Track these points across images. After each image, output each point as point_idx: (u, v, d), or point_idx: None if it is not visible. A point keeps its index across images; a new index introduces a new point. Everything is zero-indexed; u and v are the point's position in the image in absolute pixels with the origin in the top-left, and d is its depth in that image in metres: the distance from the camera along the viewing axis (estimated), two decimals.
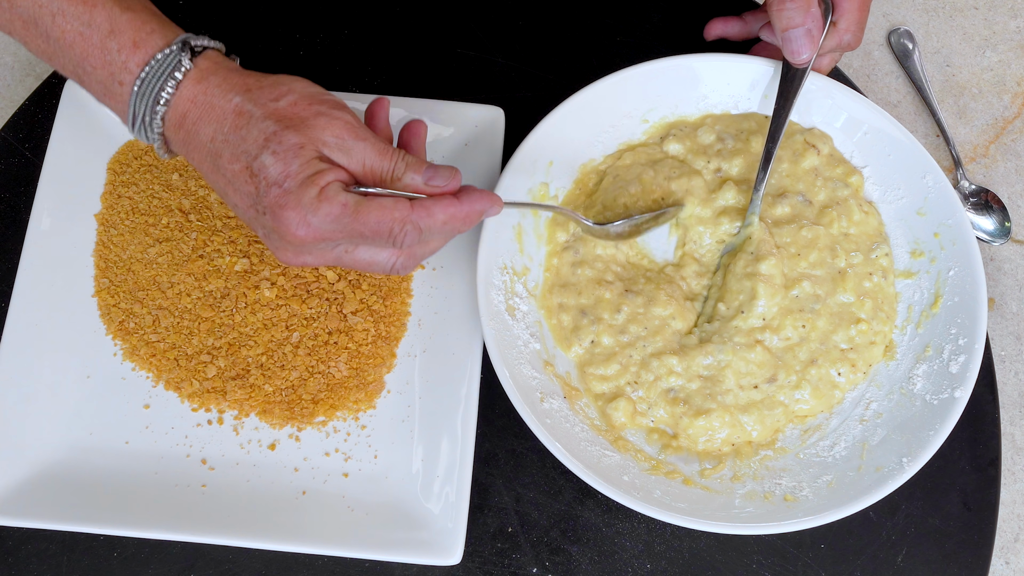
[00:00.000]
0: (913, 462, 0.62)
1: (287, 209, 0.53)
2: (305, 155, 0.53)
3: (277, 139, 0.53)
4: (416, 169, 0.56)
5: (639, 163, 0.72)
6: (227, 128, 0.54)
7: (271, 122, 0.53)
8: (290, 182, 0.53)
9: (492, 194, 0.58)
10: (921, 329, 0.68)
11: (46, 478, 0.66)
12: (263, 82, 0.55)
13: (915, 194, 0.70)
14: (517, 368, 0.64)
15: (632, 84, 0.71)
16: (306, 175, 0.53)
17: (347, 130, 0.54)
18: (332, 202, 0.53)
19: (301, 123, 0.53)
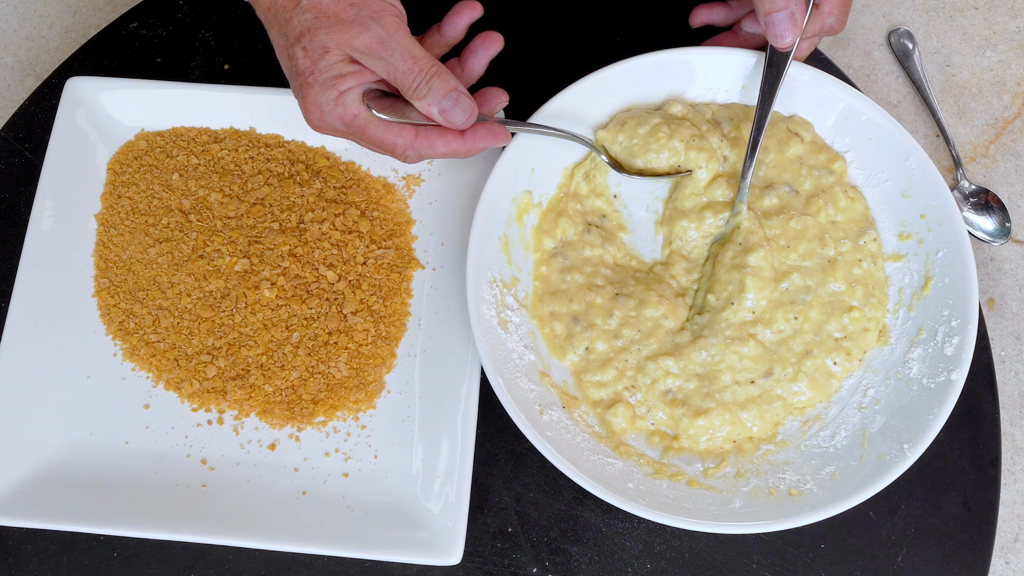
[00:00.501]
0: (914, 448, 0.62)
1: (307, 100, 0.59)
2: (331, 58, 0.57)
3: (310, 35, 0.57)
4: (437, 96, 0.58)
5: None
6: (280, 5, 0.59)
7: (311, 15, 0.57)
8: (313, 78, 0.58)
9: (499, 131, 0.61)
10: (913, 312, 0.69)
11: (46, 478, 0.66)
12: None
13: (899, 177, 0.70)
14: (514, 382, 0.64)
15: (608, 85, 0.71)
16: (328, 76, 0.58)
17: (376, 42, 0.57)
18: (346, 109, 0.59)
19: (336, 24, 0.57)
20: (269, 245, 0.71)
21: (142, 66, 0.80)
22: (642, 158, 0.70)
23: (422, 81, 0.58)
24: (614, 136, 0.71)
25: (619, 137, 0.70)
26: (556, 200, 0.72)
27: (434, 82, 0.58)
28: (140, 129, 0.76)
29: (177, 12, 0.81)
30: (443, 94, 0.58)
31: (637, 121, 0.70)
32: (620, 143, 0.70)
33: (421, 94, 0.58)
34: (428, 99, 0.58)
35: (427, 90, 0.58)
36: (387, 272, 0.71)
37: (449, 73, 0.59)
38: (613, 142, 0.71)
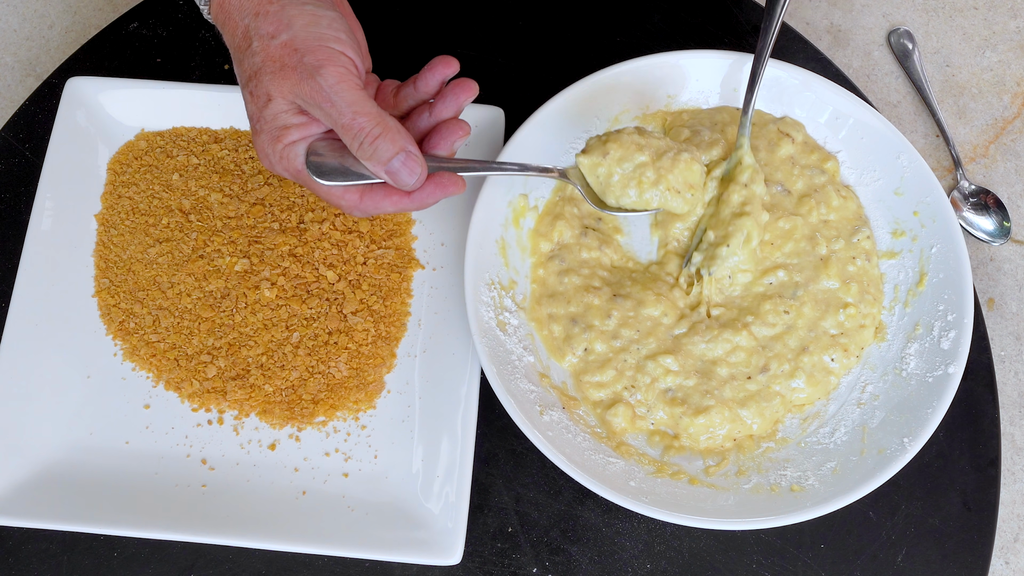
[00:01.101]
0: (914, 441, 0.62)
1: (257, 146, 0.57)
2: (275, 107, 0.54)
3: (256, 80, 0.54)
4: (383, 156, 0.54)
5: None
6: (236, 43, 0.56)
7: (259, 59, 0.54)
8: (259, 125, 0.56)
9: (450, 183, 0.56)
10: (909, 308, 0.69)
11: (46, 478, 0.66)
12: (273, 6, 0.54)
13: (891, 175, 0.71)
14: (514, 383, 0.64)
15: (601, 88, 0.71)
16: (274, 127, 0.55)
17: (318, 93, 0.53)
18: (290, 163, 0.56)
19: (280, 71, 0.53)
20: (269, 245, 0.71)
21: (142, 66, 0.80)
22: (619, 197, 0.64)
23: (366, 140, 0.53)
24: (593, 166, 0.64)
25: (599, 170, 0.64)
26: (552, 203, 0.72)
27: (379, 143, 0.53)
28: (140, 129, 0.76)
29: (177, 12, 0.81)
30: (390, 155, 0.54)
31: (621, 153, 0.64)
32: (599, 176, 0.64)
33: (366, 154, 0.54)
34: (373, 161, 0.54)
35: (372, 151, 0.54)
36: (387, 272, 0.71)
37: (398, 129, 0.54)
38: (592, 171, 0.64)
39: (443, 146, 0.58)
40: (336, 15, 0.55)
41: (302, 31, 0.54)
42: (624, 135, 0.64)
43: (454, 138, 0.58)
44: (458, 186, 0.57)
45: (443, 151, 0.58)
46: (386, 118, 0.54)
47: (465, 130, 0.59)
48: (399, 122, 0.55)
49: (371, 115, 0.53)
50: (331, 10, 0.56)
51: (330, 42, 0.54)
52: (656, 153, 0.64)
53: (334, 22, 0.55)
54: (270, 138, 0.56)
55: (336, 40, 0.54)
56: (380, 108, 0.54)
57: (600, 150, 0.64)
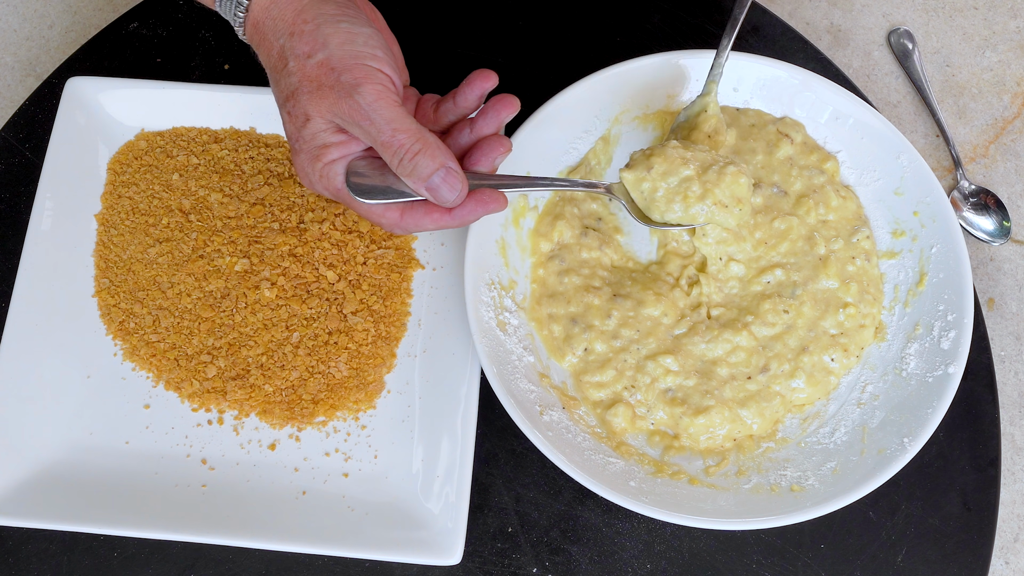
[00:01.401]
0: (914, 441, 0.62)
1: (296, 166, 0.57)
2: (314, 126, 0.54)
3: (293, 100, 0.54)
4: (423, 173, 0.53)
5: None
6: (272, 63, 0.56)
7: (295, 79, 0.54)
8: (299, 145, 0.56)
9: (491, 200, 0.56)
10: (909, 308, 0.69)
11: (46, 478, 0.66)
12: (308, 26, 0.54)
13: (891, 175, 0.71)
14: (514, 383, 0.64)
15: (601, 88, 0.71)
16: (313, 146, 0.55)
17: (356, 112, 0.52)
18: (330, 182, 0.56)
19: (317, 90, 0.53)
20: (269, 245, 0.71)
21: (142, 66, 0.80)
22: (664, 212, 0.63)
23: (406, 157, 0.53)
24: (637, 181, 0.62)
25: (643, 185, 0.62)
26: (552, 204, 0.72)
27: (419, 159, 0.53)
28: (140, 129, 0.76)
29: (177, 12, 0.81)
30: (430, 172, 0.53)
31: (666, 167, 0.62)
32: (643, 192, 0.62)
33: (406, 171, 0.54)
34: (413, 177, 0.54)
35: (411, 167, 0.53)
36: (387, 272, 0.71)
37: (438, 146, 0.54)
38: (636, 187, 0.63)
39: (484, 163, 0.58)
40: (372, 31, 0.55)
41: (338, 50, 0.53)
42: (669, 148, 0.63)
43: (495, 155, 0.58)
44: (500, 203, 0.57)
45: (484, 167, 0.58)
46: (425, 134, 0.54)
47: (506, 146, 0.58)
48: (439, 138, 0.54)
49: (410, 132, 0.53)
50: (367, 27, 0.55)
51: (367, 60, 0.53)
52: (702, 167, 0.62)
53: (370, 39, 0.54)
54: (309, 157, 0.56)
55: (372, 57, 0.53)
56: (419, 124, 0.54)
57: (644, 164, 0.62)
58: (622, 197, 0.63)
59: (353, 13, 0.55)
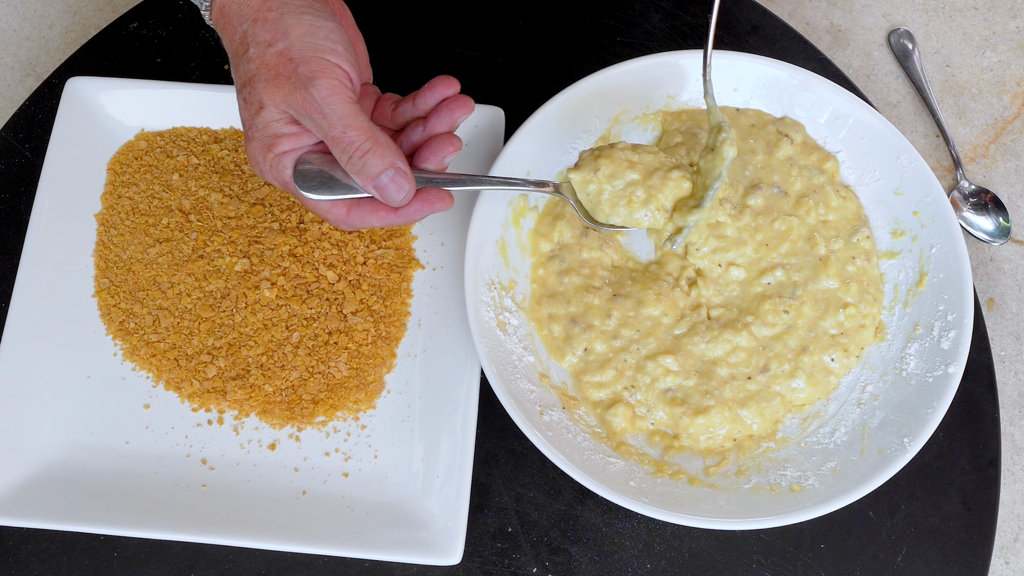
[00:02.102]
0: (914, 441, 0.62)
1: (248, 153, 0.57)
2: (267, 115, 0.54)
3: (250, 87, 0.54)
4: (371, 172, 0.53)
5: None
6: (234, 49, 0.56)
7: (254, 65, 0.54)
8: (251, 132, 0.56)
9: (437, 199, 0.56)
10: (909, 308, 0.69)
11: (46, 478, 0.66)
12: (272, 14, 0.54)
13: (891, 175, 0.71)
14: (514, 383, 0.64)
15: (601, 88, 0.71)
16: (266, 135, 0.55)
17: (309, 104, 0.52)
18: (280, 173, 0.56)
19: (274, 79, 0.53)
20: (269, 245, 0.71)
21: (142, 66, 0.80)
22: (608, 215, 0.62)
23: (355, 155, 0.53)
24: (584, 182, 0.62)
25: (589, 187, 0.62)
26: (552, 203, 0.72)
27: (368, 158, 0.53)
28: (140, 129, 0.76)
29: (177, 12, 0.81)
30: (378, 171, 0.53)
31: (612, 170, 0.62)
32: (589, 193, 0.62)
33: (355, 168, 0.54)
34: (362, 175, 0.54)
35: (361, 165, 0.53)
36: (387, 272, 0.71)
37: (388, 146, 0.54)
38: (583, 188, 0.62)
39: (433, 160, 0.58)
40: (335, 26, 0.55)
41: (298, 41, 0.53)
42: (617, 151, 0.62)
43: (444, 152, 0.58)
44: (445, 202, 0.57)
45: (433, 165, 0.58)
46: (377, 133, 0.54)
47: (456, 145, 0.58)
48: (391, 137, 0.55)
49: (362, 129, 0.53)
50: (330, 21, 0.55)
51: (326, 53, 0.53)
52: (647, 171, 0.62)
53: (332, 33, 0.54)
54: (261, 146, 0.56)
55: (332, 52, 0.54)
56: (372, 123, 0.54)
57: (591, 166, 0.62)
58: (570, 197, 0.63)
59: (319, 6, 0.55)
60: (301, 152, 0.56)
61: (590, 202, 0.63)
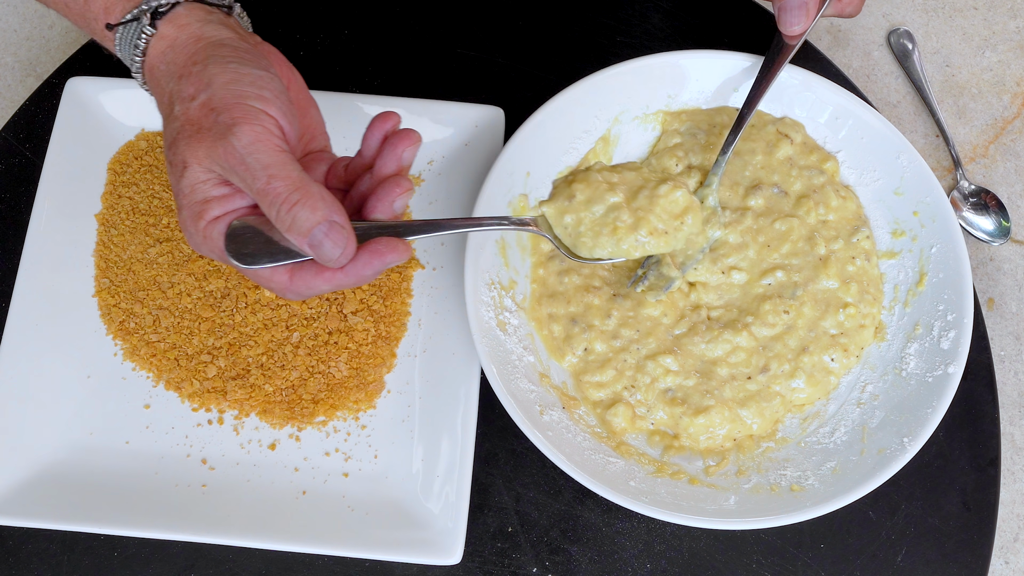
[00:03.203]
0: (914, 441, 0.62)
1: (180, 224, 0.51)
2: (192, 176, 0.49)
3: (174, 149, 0.49)
4: (303, 227, 0.47)
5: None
6: (163, 109, 0.52)
7: (178, 124, 0.49)
8: (180, 200, 0.50)
9: (389, 251, 0.49)
10: (909, 308, 0.69)
11: (46, 478, 0.66)
12: (196, 67, 0.50)
13: (891, 175, 0.71)
14: (514, 383, 0.64)
15: (601, 88, 0.71)
16: (193, 201, 0.49)
17: (231, 156, 0.47)
18: (213, 243, 0.50)
19: (196, 134, 0.48)
20: None
21: None
22: (592, 248, 0.55)
23: (283, 207, 0.46)
24: (559, 213, 0.55)
25: (565, 219, 0.55)
26: None
27: (298, 211, 0.46)
28: (140, 129, 0.76)
29: None
30: (310, 225, 0.46)
31: (589, 194, 0.55)
32: (567, 226, 0.55)
33: (285, 224, 0.47)
34: (293, 232, 0.47)
35: (290, 220, 0.46)
36: (387, 272, 0.71)
37: (322, 197, 0.47)
38: (559, 220, 0.55)
39: (381, 208, 0.51)
40: (264, 74, 0.50)
41: (221, 89, 0.48)
42: (593, 173, 0.56)
43: (391, 196, 0.50)
44: (399, 252, 0.49)
45: (383, 214, 0.51)
46: (308, 184, 0.47)
47: (404, 186, 0.50)
48: (328, 191, 0.48)
49: (289, 179, 0.47)
50: (259, 69, 0.50)
51: (249, 99, 0.48)
52: (631, 191, 0.55)
53: (259, 80, 0.49)
54: (191, 215, 0.49)
55: (258, 98, 0.48)
56: (304, 174, 0.48)
57: (565, 193, 0.55)
58: (547, 232, 0.56)
59: (249, 57, 0.51)
60: (235, 216, 0.49)
61: (569, 236, 0.56)
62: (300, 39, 0.80)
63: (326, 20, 0.81)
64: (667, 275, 0.68)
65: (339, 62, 0.80)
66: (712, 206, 0.70)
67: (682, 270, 0.68)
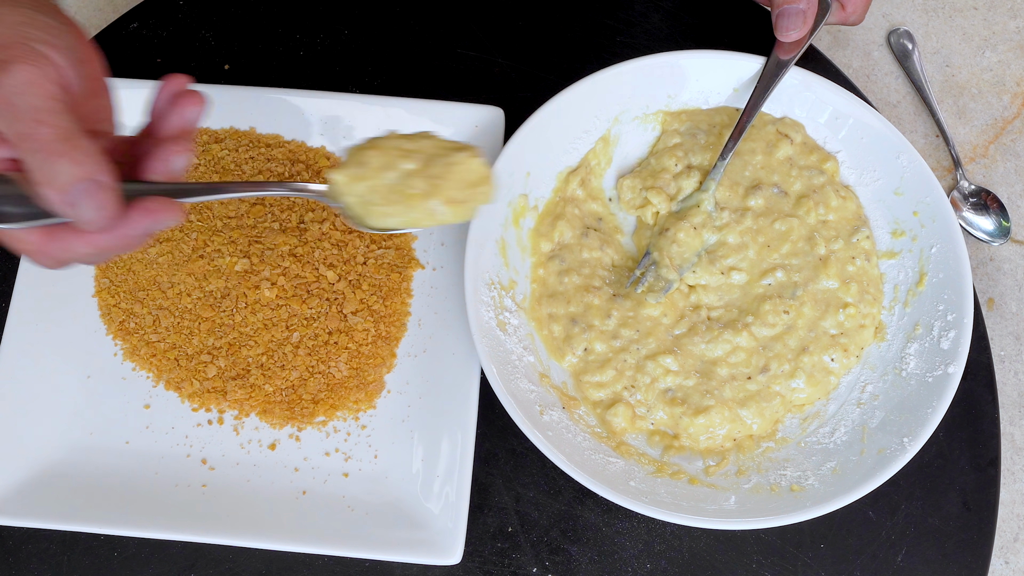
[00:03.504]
0: (914, 441, 0.62)
1: None
2: None
3: None
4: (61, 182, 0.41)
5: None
6: None
7: None
8: None
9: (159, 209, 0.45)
10: (909, 308, 0.69)
11: (46, 478, 0.66)
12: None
13: (891, 175, 0.71)
14: (514, 383, 0.64)
15: (601, 88, 0.71)
16: None
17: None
18: None
19: None
20: (269, 245, 0.71)
21: (142, 66, 0.80)
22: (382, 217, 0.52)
23: (43, 155, 0.40)
24: (351, 179, 0.51)
25: (357, 186, 0.51)
26: (552, 204, 0.72)
27: (61, 163, 0.41)
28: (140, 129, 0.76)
29: (177, 12, 0.81)
30: (70, 180, 0.41)
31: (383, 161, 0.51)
32: (359, 194, 0.51)
33: (43, 176, 0.41)
34: (51, 186, 0.41)
35: (49, 171, 0.40)
36: (387, 272, 0.71)
37: (90, 153, 0.42)
38: (350, 187, 0.51)
39: (156, 168, 0.46)
40: (59, 25, 0.45)
41: (7, 28, 0.43)
42: (389, 139, 0.53)
43: (168, 155, 0.46)
44: (171, 212, 0.45)
45: (159, 175, 0.46)
46: (78, 137, 0.42)
47: (184, 145, 0.46)
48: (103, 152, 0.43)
49: (57, 127, 0.41)
50: (55, 20, 0.45)
51: (35, 42, 0.43)
52: (427, 159, 0.52)
53: (51, 28, 0.44)
54: None
55: (43, 42, 0.43)
56: (76, 125, 0.42)
57: (356, 160, 0.51)
58: (335, 201, 0.52)
59: (48, 10, 0.46)
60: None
61: (362, 205, 0.52)
62: (300, 39, 0.80)
63: (326, 20, 0.81)
64: (665, 277, 0.68)
65: (339, 62, 0.80)
66: (708, 210, 0.70)
67: (679, 272, 0.69)
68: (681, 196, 0.71)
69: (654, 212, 0.72)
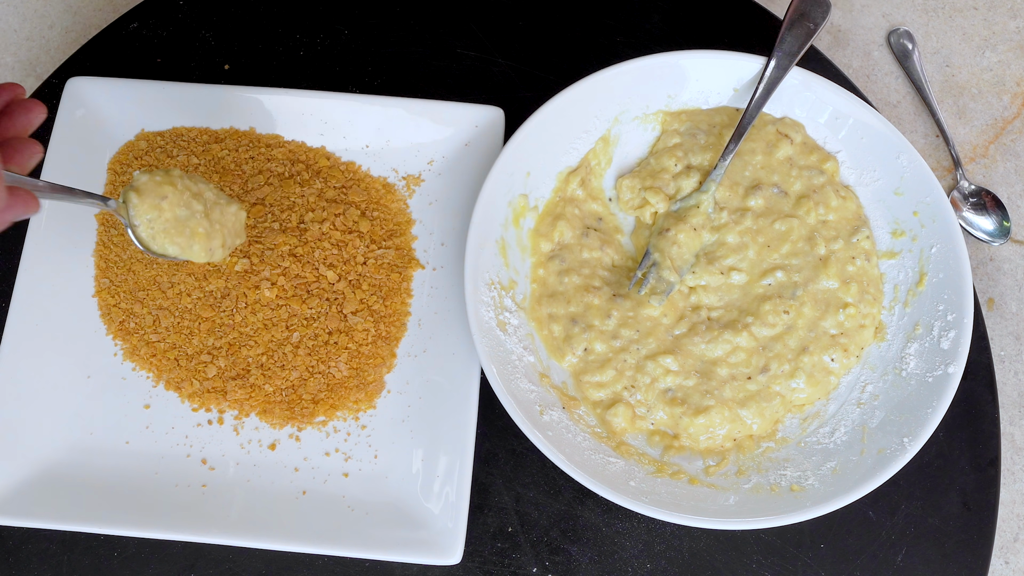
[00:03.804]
0: (914, 441, 0.62)
1: None
2: None
3: None
4: None
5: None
6: None
7: None
8: None
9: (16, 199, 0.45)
10: (909, 308, 0.69)
11: (46, 478, 0.66)
12: None
13: (891, 175, 0.71)
14: (514, 383, 0.64)
15: (601, 88, 0.71)
16: None
17: None
18: None
19: None
20: (269, 245, 0.71)
21: (142, 66, 0.80)
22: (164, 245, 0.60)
23: None
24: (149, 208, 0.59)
25: (149, 214, 0.59)
26: (552, 204, 0.72)
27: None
28: (140, 129, 0.76)
29: (177, 12, 0.81)
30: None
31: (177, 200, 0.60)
32: (150, 220, 0.59)
33: None
34: None
35: None
36: (387, 272, 0.71)
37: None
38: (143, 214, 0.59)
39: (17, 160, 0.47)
40: None
41: None
42: (176, 178, 0.60)
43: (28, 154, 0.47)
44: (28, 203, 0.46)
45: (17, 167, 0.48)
46: None
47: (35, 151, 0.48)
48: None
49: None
50: None
51: None
52: (209, 205, 0.62)
53: None
54: None
55: None
56: None
57: (157, 192, 0.59)
58: (124, 217, 0.59)
59: None
60: None
61: (149, 229, 0.59)
62: (300, 39, 0.80)
63: (326, 20, 0.81)
64: (667, 279, 0.68)
65: (339, 62, 0.80)
66: (707, 212, 0.70)
67: (680, 273, 0.69)
68: (680, 196, 0.71)
69: (652, 212, 0.72)
